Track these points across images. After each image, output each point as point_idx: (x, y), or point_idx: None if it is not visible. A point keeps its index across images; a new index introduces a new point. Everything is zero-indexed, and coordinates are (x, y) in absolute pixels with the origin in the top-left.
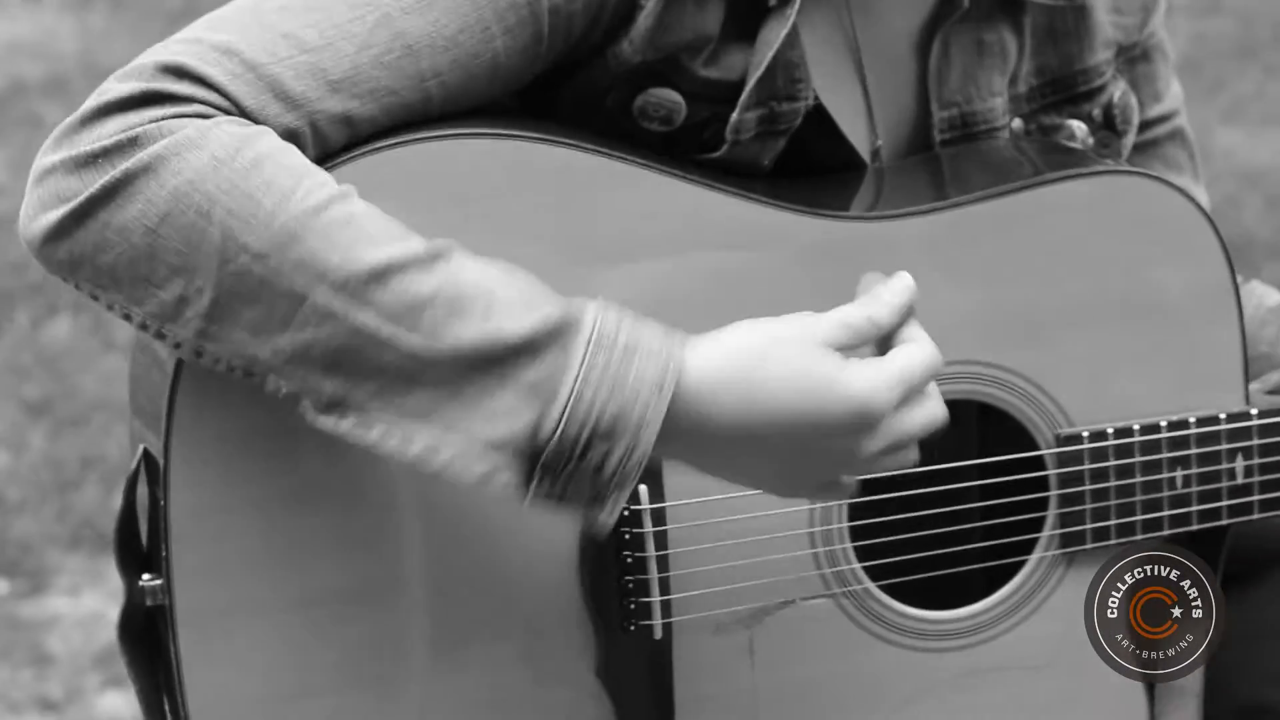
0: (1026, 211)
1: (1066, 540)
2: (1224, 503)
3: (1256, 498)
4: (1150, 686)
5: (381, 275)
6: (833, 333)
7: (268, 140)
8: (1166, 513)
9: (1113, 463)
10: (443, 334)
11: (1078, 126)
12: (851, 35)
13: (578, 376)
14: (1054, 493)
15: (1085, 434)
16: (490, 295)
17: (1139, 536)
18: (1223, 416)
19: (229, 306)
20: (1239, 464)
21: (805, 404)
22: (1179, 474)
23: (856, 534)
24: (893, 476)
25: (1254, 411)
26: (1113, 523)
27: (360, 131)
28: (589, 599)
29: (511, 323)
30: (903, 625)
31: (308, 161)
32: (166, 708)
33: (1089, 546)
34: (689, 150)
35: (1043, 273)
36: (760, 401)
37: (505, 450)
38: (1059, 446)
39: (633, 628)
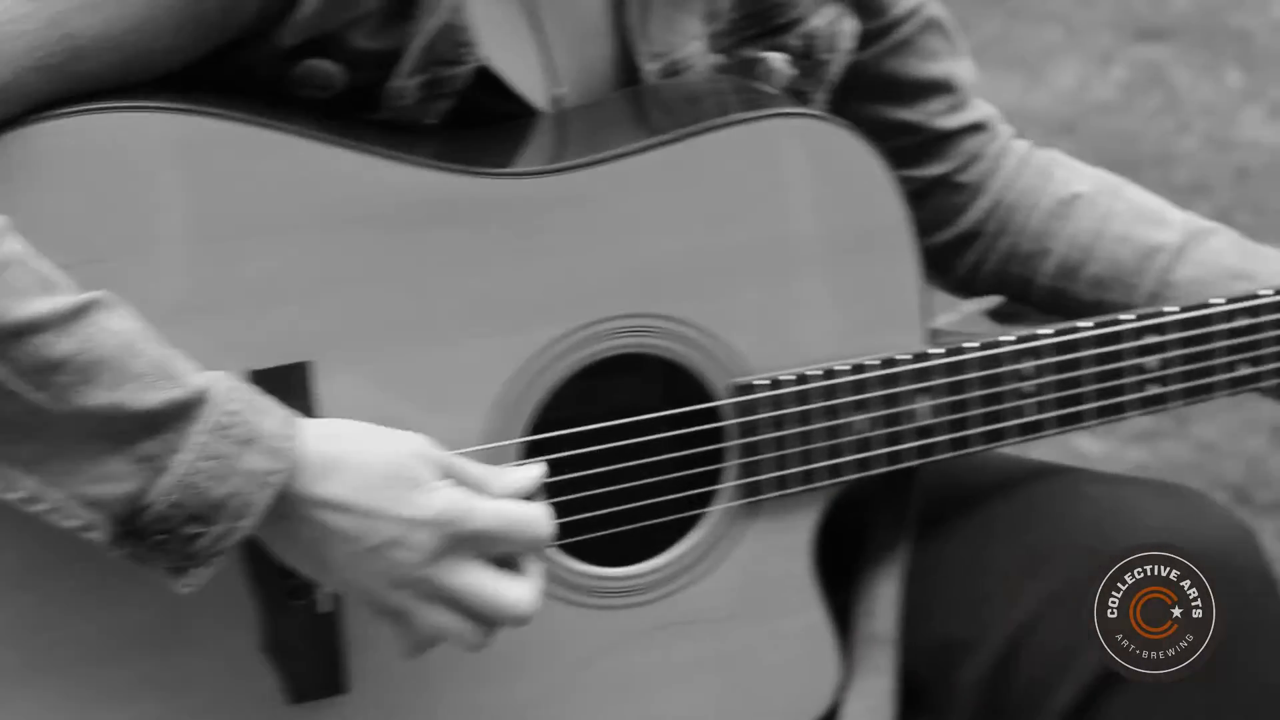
0: (695, 158)
1: (748, 490)
2: (910, 444)
3: (944, 437)
4: (843, 635)
5: (18, 333)
6: (442, 461)
7: None
8: (850, 458)
9: (792, 410)
10: (69, 398)
11: (776, 59)
12: None
13: (189, 460)
14: (733, 443)
15: (762, 382)
16: (122, 366)
17: (824, 483)
18: (905, 357)
19: None
20: (923, 404)
21: (381, 499)
22: (861, 417)
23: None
24: (571, 434)
25: (937, 350)
26: (794, 470)
27: None
28: (251, 573)
29: (136, 397)
30: (581, 584)
31: None
32: None
33: (771, 495)
34: (350, 114)
35: (714, 220)
36: (347, 488)
37: (102, 510)
38: (735, 396)
39: (299, 601)
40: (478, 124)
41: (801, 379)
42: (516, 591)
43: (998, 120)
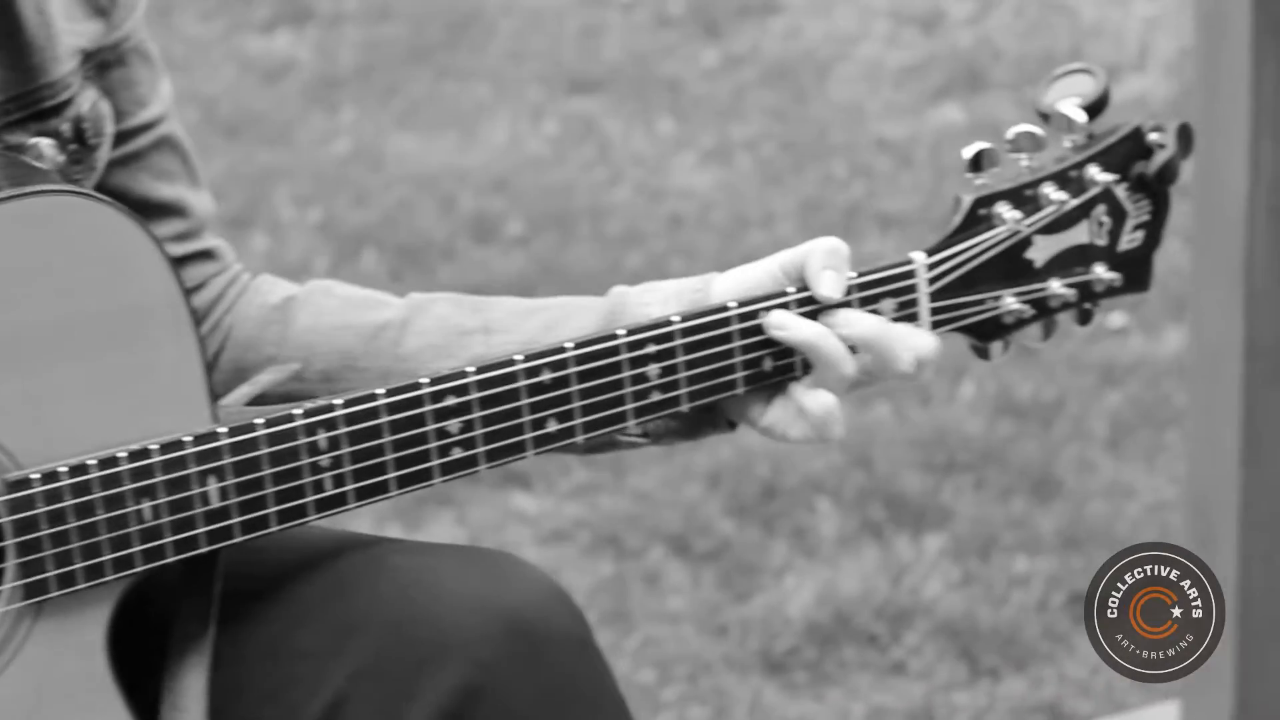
0: None
1: (30, 591)
2: (201, 529)
3: (236, 520)
4: None
5: None
6: None
7: None
8: (138, 548)
9: (70, 503)
10: None
11: (46, 145)
12: None
13: None
14: (10, 542)
15: (35, 476)
16: None
17: (112, 577)
18: (188, 439)
19: None
20: (212, 487)
21: None
22: (146, 505)
23: None
24: None
25: (223, 430)
26: (78, 566)
27: None
28: None
29: None
30: None
31: None
32: None
33: (55, 594)
34: None
35: None
36: None
37: None
38: (8, 493)
39: None
40: None
41: (78, 470)
42: None
43: (228, 252)
